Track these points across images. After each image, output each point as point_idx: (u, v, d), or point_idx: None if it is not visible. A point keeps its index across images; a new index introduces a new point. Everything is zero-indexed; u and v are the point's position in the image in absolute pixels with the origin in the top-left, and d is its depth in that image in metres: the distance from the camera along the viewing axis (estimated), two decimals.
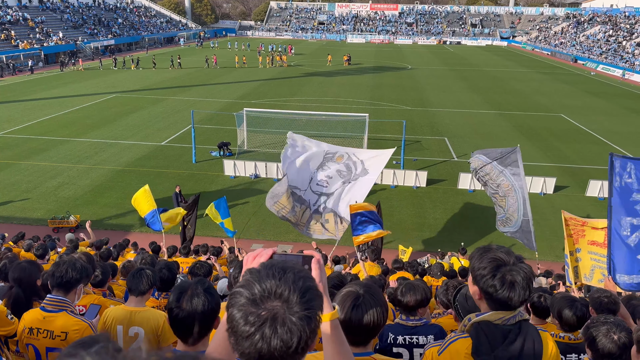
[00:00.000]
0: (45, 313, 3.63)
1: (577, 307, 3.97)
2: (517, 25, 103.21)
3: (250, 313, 1.35)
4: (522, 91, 43.45)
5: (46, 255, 8.67)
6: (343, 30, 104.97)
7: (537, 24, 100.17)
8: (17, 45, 52.67)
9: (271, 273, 1.42)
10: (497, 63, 65.21)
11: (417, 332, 3.93)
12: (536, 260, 13.10)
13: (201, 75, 48.51)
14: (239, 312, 1.37)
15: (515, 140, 27.37)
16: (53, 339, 3.57)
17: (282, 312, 1.35)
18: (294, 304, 1.37)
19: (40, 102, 34.86)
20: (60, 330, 3.58)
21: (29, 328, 3.62)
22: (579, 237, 8.24)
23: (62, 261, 3.77)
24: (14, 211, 17.53)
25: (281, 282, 1.39)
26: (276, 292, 1.38)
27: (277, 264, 1.47)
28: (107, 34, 69.91)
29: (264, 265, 1.47)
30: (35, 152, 23.65)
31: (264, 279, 1.40)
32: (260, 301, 1.37)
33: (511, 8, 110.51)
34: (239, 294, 1.40)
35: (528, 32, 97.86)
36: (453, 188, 20.35)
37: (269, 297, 1.37)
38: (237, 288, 1.42)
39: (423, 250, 15.35)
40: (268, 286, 1.39)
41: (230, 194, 19.32)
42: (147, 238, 14.40)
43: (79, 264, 3.79)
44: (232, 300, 1.41)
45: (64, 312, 3.64)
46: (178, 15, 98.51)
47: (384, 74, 51.91)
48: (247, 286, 1.40)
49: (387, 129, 28.24)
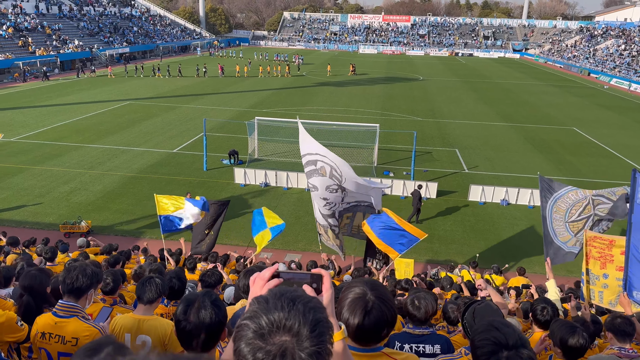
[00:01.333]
0: (57, 318, 3.67)
1: (579, 334, 3.89)
2: (530, 38, 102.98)
3: (259, 349, 1.29)
4: (534, 104, 43.25)
5: (55, 258, 8.77)
6: (355, 41, 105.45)
7: (550, 36, 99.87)
8: (34, 51, 53.54)
9: (279, 304, 1.35)
10: (509, 75, 65.03)
11: (424, 341, 3.92)
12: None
13: (214, 84, 48.91)
14: (247, 347, 1.31)
15: (526, 153, 27.24)
16: (64, 344, 3.61)
17: (291, 347, 1.28)
18: (304, 339, 1.30)
19: (54, 108, 35.33)
20: (72, 335, 3.62)
21: (41, 332, 3.66)
22: (607, 262, 7.95)
23: (72, 267, 3.81)
24: (26, 215, 17.72)
25: (290, 315, 1.32)
26: (285, 326, 1.31)
27: (286, 293, 1.40)
28: (122, 41, 70.86)
29: (272, 294, 1.40)
30: (49, 157, 23.93)
31: (272, 311, 1.33)
32: (268, 335, 1.30)
33: (524, 20, 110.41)
34: (246, 326, 1.34)
35: (541, 45, 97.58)
36: (463, 200, 20.25)
37: (278, 331, 1.30)
38: (244, 320, 1.36)
39: (433, 263, 15.24)
40: (277, 318, 1.32)
41: (240, 202, 19.39)
42: (158, 244, 14.48)
43: (90, 269, 3.83)
44: (239, 333, 1.35)
45: (75, 318, 3.68)
46: (192, 24, 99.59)
47: (395, 85, 51.98)
48: (255, 318, 1.34)
49: (397, 140, 28.21)
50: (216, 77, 53.62)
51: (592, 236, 8.30)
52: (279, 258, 14.86)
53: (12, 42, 53.33)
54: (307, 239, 16.70)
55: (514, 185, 20.60)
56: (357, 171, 21.88)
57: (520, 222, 18.33)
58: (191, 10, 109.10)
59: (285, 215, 18.33)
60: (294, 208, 18.98)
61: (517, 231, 17.65)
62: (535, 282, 13.03)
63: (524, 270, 13.01)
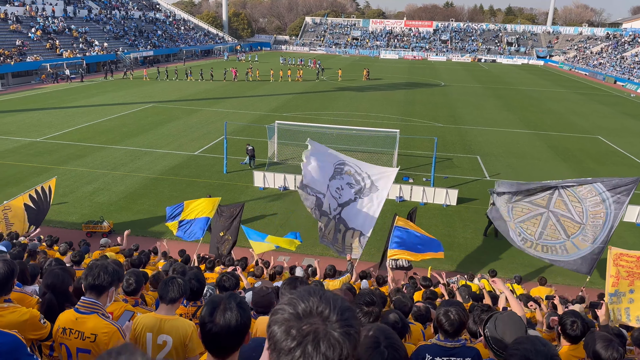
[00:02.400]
0: (78, 314, 3.73)
1: (614, 348, 3.78)
2: (555, 45, 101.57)
3: (292, 327, 1.38)
4: (558, 111, 42.59)
5: (82, 261, 8.92)
6: (376, 46, 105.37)
7: (576, 43, 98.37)
8: (61, 54, 54.73)
9: (311, 295, 1.47)
10: (533, 82, 64.19)
11: (455, 354, 3.84)
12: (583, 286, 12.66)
13: (235, 88, 49.33)
14: (281, 327, 1.40)
15: (549, 161, 26.81)
16: (83, 340, 3.66)
17: (322, 328, 1.38)
18: (334, 322, 1.40)
19: (80, 109, 36.03)
20: (91, 332, 3.67)
21: (62, 328, 3.72)
22: (635, 279, 7.73)
23: (94, 265, 3.87)
24: (50, 214, 18.00)
25: (321, 302, 1.44)
26: (317, 310, 1.42)
27: (315, 288, 1.53)
28: (147, 45, 71.98)
29: (302, 289, 1.52)
30: (73, 157, 24.39)
31: (305, 297, 1.45)
32: (302, 317, 1.40)
33: (549, 27, 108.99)
34: (281, 310, 1.44)
35: (566, 52, 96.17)
36: (484, 207, 19.96)
37: (311, 315, 1.41)
38: (278, 308, 1.46)
39: (452, 271, 15.07)
40: (310, 304, 1.43)
41: (259, 205, 19.47)
42: (177, 246, 14.61)
43: (111, 267, 3.89)
44: (273, 317, 1.44)
45: (95, 315, 3.73)
46: (215, 28, 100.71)
47: (416, 91, 51.72)
48: (289, 304, 1.45)
49: (418, 146, 28.05)
50: (231, 81, 54.04)
51: (617, 253, 8.00)
52: (297, 262, 14.86)
53: (41, 44, 54.60)
54: None
55: None
56: None
57: None
58: (214, 14, 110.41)
59: (303, 219, 18.36)
60: None
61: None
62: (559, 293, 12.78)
63: (545, 280, 12.77)
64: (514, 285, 12.03)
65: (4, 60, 46.73)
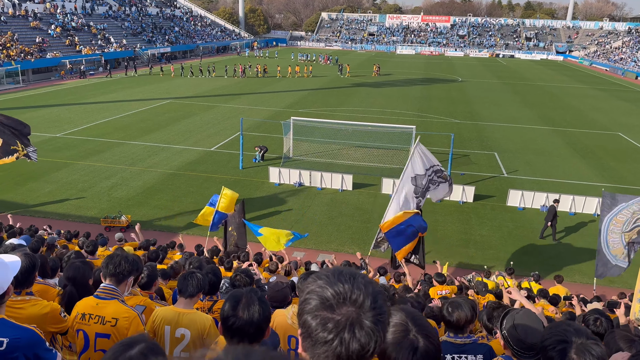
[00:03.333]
0: (98, 300, 3.82)
1: (637, 348, 3.72)
2: (575, 40, 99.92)
3: (328, 319, 1.38)
4: (578, 107, 41.94)
5: (95, 251, 9.07)
6: (393, 41, 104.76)
7: (596, 38, 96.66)
8: (80, 50, 55.45)
9: (342, 278, 1.45)
10: (552, 78, 63.28)
11: (466, 350, 3.82)
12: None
13: (251, 84, 49.50)
14: (316, 319, 1.40)
15: (568, 158, 26.44)
16: (104, 325, 3.73)
17: (357, 317, 1.38)
18: (368, 309, 1.40)
19: (98, 105, 36.50)
20: (112, 316, 3.74)
21: (81, 314, 3.80)
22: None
23: (115, 254, 3.99)
24: (69, 209, 18.35)
25: (354, 288, 1.42)
26: (350, 298, 1.40)
27: (344, 270, 1.50)
28: (164, 41, 72.56)
29: (331, 272, 1.49)
30: (92, 153, 24.73)
31: (337, 284, 1.43)
32: (335, 306, 1.40)
33: (568, 22, 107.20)
34: (313, 299, 1.43)
35: (586, 47, 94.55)
36: (502, 205, 19.81)
37: (344, 302, 1.40)
38: (309, 294, 1.45)
39: (468, 268, 14.97)
40: (342, 290, 1.41)
41: (275, 201, 19.55)
42: (193, 240, 14.76)
43: (131, 257, 4.00)
44: (306, 306, 1.44)
45: (115, 300, 3.81)
46: (232, 25, 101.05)
47: (433, 86, 51.35)
48: (320, 292, 1.43)
49: (434, 142, 27.85)
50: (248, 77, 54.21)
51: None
52: (311, 258, 14.91)
53: (60, 41, 55.38)
54: (340, 239, 16.69)
55: (555, 191, 20.00)
56: (391, 172, 21.77)
57: (561, 228, 17.79)
58: (231, 10, 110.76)
59: (319, 215, 18.40)
60: (327, 208, 19.00)
61: (558, 238, 17.13)
62: (575, 291, 12.63)
63: (561, 279, 12.62)
64: (531, 284, 11.91)
65: (25, 56, 47.50)
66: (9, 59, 45.69)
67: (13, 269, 3.19)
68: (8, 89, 43.35)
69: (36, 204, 18.62)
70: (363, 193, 20.58)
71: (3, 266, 3.11)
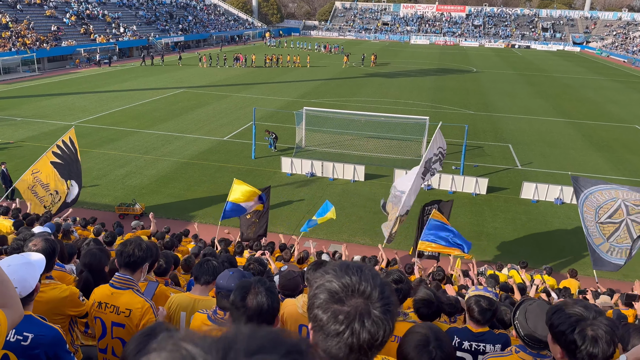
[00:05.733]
0: (113, 289, 3.86)
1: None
2: (592, 31, 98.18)
3: (339, 312, 1.42)
4: (594, 100, 41.33)
5: (114, 242, 9.18)
6: (407, 31, 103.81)
7: (614, 29, 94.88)
8: (95, 39, 55.75)
9: (350, 271, 1.48)
10: (568, 69, 62.35)
11: (485, 339, 3.86)
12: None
13: (264, 74, 49.45)
14: (327, 312, 1.44)
15: (584, 150, 26.12)
16: (118, 315, 3.79)
17: (366, 308, 1.42)
18: (376, 300, 1.44)
19: (113, 94, 36.75)
20: (125, 307, 3.79)
21: (98, 302, 3.86)
22: None
23: (129, 242, 4.00)
24: (84, 196, 18.52)
25: (362, 280, 1.46)
26: (359, 290, 1.44)
27: (350, 263, 1.54)
28: (177, 30, 72.62)
29: (338, 266, 1.53)
30: (107, 141, 24.95)
31: (344, 277, 1.47)
32: (345, 298, 1.43)
33: (586, 12, 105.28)
34: (322, 293, 1.47)
35: (604, 38, 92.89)
36: (515, 197, 19.66)
37: (353, 294, 1.44)
38: (318, 289, 1.48)
39: (480, 261, 14.92)
40: (350, 283, 1.45)
41: (287, 191, 19.60)
42: (206, 229, 14.88)
43: (145, 244, 4.01)
44: (316, 300, 1.47)
45: (130, 290, 3.85)
46: (245, 14, 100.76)
47: (446, 77, 50.89)
48: (329, 286, 1.47)
49: (448, 133, 27.51)
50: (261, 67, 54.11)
51: None
52: (323, 248, 14.94)
53: (75, 29, 55.71)
54: (351, 230, 16.72)
55: (569, 184, 19.76)
56: (404, 164, 21.70)
57: (575, 222, 17.59)
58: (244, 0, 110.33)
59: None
60: (339, 199, 19.00)
61: (571, 232, 16.98)
62: (589, 286, 12.53)
63: (575, 272, 12.53)
64: (544, 277, 11.85)
65: (40, 45, 47.89)
66: (24, 47, 46.11)
67: (39, 267, 3.25)
68: (24, 76, 43.80)
69: None
70: (375, 184, 20.55)
71: (29, 265, 3.16)
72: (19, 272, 3.05)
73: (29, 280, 3.10)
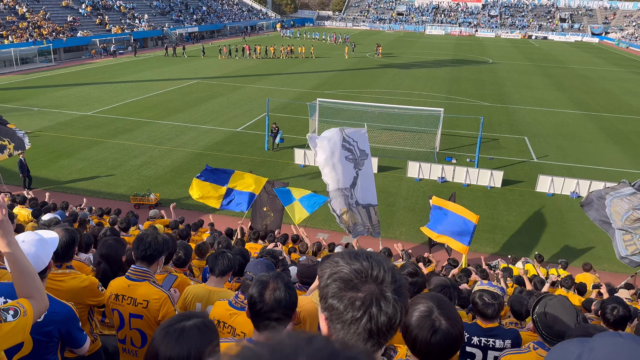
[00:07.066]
0: (130, 282, 3.89)
1: None
2: (611, 21, 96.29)
3: (355, 298, 1.43)
4: (612, 92, 40.62)
5: (129, 228, 9.30)
6: (422, 21, 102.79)
7: (634, 19, 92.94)
8: (110, 29, 56.06)
9: (359, 258, 1.50)
10: (586, 60, 61.30)
11: (495, 335, 3.86)
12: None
13: (277, 65, 49.38)
14: (342, 301, 1.44)
15: (601, 143, 25.74)
16: (135, 306, 3.82)
17: (379, 293, 1.44)
18: (388, 284, 1.46)
19: (127, 84, 36.99)
20: (143, 298, 3.82)
21: (114, 294, 3.90)
22: None
23: (145, 234, 4.02)
24: (100, 186, 18.79)
25: (372, 265, 1.47)
26: (371, 275, 1.46)
27: (358, 251, 1.55)
28: (192, 20, 72.68)
29: (347, 253, 1.54)
30: (122, 131, 25.16)
31: (355, 263, 1.48)
32: (359, 285, 1.44)
33: (605, 2, 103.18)
34: (335, 282, 1.47)
35: (623, 29, 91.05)
36: (530, 190, 19.48)
37: (366, 280, 1.45)
38: (330, 278, 1.48)
39: (494, 254, 14.84)
40: (361, 269, 1.46)
41: (299, 183, 19.60)
42: (220, 219, 14.97)
43: (161, 237, 4.03)
44: (329, 290, 1.47)
45: (147, 282, 3.88)
46: (259, 4, 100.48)
47: (462, 68, 50.36)
48: (341, 274, 1.47)
49: (462, 125, 27.44)
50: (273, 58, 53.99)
51: None
52: (335, 240, 14.97)
53: (90, 19, 56.05)
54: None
55: (586, 177, 19.56)
56: (418, 156, 21.60)
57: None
58: None
59: None
60: None
61: (587, 226, 16.75)
62: (604, 280, 12.40)
63: (590, 266, 12.39)
64: (559, 271, 11.75)
65: (57, 35, 48.30)
66: (41, 37, 46.55)
67: (52, 244, 3.29)
68: (41, 67, 44.27)
69: (68, 180, 19.12)
70: (388, 176, 20.48)
71: (43, 242, 3.21)
72: (33, 248, 3.11)
73: (41, 257, 3.15)
